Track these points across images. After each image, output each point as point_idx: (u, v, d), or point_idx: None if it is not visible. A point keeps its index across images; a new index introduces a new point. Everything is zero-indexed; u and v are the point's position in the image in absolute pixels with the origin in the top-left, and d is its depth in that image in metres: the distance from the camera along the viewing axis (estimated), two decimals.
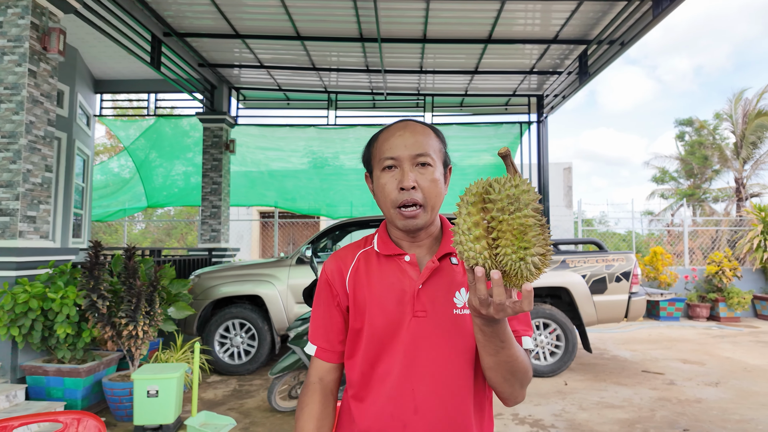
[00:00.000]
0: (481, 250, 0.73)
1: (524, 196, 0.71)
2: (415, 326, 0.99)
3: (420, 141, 1.01)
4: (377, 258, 1.08)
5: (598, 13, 5.78)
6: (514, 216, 0.70)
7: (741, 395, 4.32)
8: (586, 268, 5.02)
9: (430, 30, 6.29)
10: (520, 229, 0.70)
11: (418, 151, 1.00)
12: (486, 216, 0.74)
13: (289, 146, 9.42)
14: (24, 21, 3.93)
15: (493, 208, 0.72)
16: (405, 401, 0.96)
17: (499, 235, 0.72)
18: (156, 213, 18.45)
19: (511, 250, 0.70)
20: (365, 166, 1.12)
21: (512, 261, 0.70)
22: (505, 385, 0.93)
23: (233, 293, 5.15)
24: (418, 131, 1.03)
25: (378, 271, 1.06)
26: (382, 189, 1.02)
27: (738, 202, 16.44)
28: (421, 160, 1.00)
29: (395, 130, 1.04)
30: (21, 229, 3.84)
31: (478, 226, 0.74)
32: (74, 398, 3.64)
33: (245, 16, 6.07)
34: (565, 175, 15.65)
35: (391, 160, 1.01)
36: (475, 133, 9.31)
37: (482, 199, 0.75)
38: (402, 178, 0.99)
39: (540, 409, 3.97)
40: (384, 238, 1.09)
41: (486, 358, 0.90)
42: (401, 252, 1.05)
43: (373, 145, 1.08)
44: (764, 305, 8.68)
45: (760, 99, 15.68)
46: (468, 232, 0.74)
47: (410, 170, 0.99)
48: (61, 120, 6.77)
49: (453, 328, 0.98)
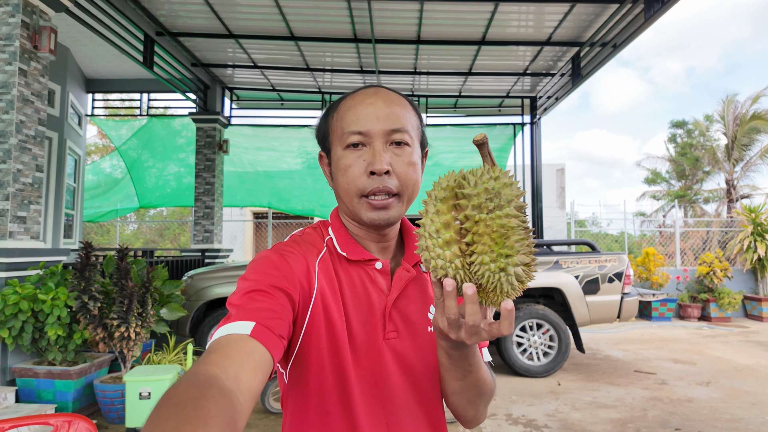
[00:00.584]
0: (452, 257, 0.58)
1: (506, 191, 0.58)
2: (387, 351, 0.79)
3: (396, 113, 0.79)
4: (340, 262, 0.82)
5: (591, 15, 5.82)
6: (494, 215, 0.57)
7: (731, 394, 4.37)
8: (579, 268, 5.05)
9: (424, 31, 6.30)
10: (500, 231, 0.56)
11: (394, 125, 0.78)
12: (459, 215, 0.59)
13: (282, 146, 9.40)
14: (14, 19, 3.89)
15: (468, 205, 0.58)
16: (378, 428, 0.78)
17: (475, 240, 0.58)
18: (148, 213, 18.33)
19: (490, 258, 0.57)
20: (320, 143, 0.88)
21: (490, 272, 0.57)
22: (469, 408, 0.82)
23: (227, 294, 5.12)
24: (393, 100, 0.81)
25: (346, 280, 0.81)
26: (344, 172, 0.79)
27: (729, 203, 16.62)
28: (397, 138, 0.79)
29: (363, 96, 0.81)
30: (11, 229, 3.80)
31: (449, 228, 0.59)
32: (65, 400, 3.60)
33: (239, 16, 6.05)
34: (558, 176, 15.74)
35: (358, 136, 0.78)
36: (469, 134, 9.34)
37: (454, 195, 0.61)
38: (373, 159, 0.77)
39: (533, 409, 3.99)
40: (346, 238, 0.84)
41: (451, 383, 0.78)
42: (372, 257, 0.83)
43: (331, 116, 0.85)
44: (754, 305, 8.78)
45: (755, 102, 15.86)
46: (436, 235, 0.60)
47: (383, 149, 0.78)
48: (52, 119, 6.71)
49: (427, 347, 0.82)
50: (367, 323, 0.80)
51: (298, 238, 0.85)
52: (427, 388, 0.82)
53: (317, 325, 0.76)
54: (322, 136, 0.88)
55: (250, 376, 0.58)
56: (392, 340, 0.80)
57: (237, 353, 0.60)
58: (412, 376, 0.81)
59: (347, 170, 0.79)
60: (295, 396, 0.80)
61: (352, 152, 0.79)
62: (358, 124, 0.78)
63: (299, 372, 0.78)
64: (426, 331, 0.83)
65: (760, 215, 9.04)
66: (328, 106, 0.88)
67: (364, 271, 0.82)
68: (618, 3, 5.35)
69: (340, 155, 0.81)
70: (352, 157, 0.79)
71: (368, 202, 0.78)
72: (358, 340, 0.78)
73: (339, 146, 0.81)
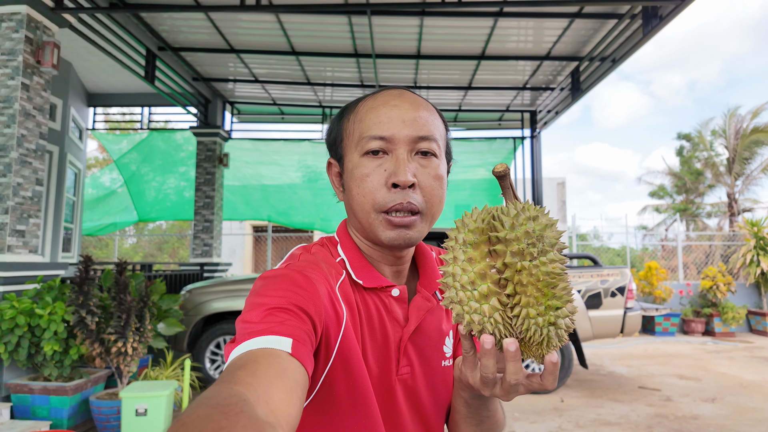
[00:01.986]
0: (491, 311, 0.52)
1: (548, 234, 0.52)
2: (398, 387, 0.72)
3: (424, 118, 0.69)
4: (354, 290, 0.71)
5: (590, 30, 5.87)
6: (538, 262, 0.51)
7: (737, 411, 4.29)
8: (581, 283, 5.01)
9: (424, 46, 6.35)
10: (546, 280, 0.51)
11: (422, 132, 0.68)
12: (496, 263, 0.52)
13: (282, 160, 9.42)
14: (18, 35, 3.92)
15: (506, 251, 0.52)
16: None
17: (518, 290, 0.51)
18: (147, 227, 18.32)
19: (537, 312, 0.51)
20: (330, 149, 0.77)
21: (538, 326, 0.51)
22: None
23: (225, 309, 5.07)
24: (420, 104, 0.71)
25: (364, 310, 0.71)
26: (360, 182, 0.69)
27: (730, 217, 16.60)
28: (425, 147, 0.68)
29: (387, 97, 0.71)
30: (9, 243, 3.77)
31: (486, 278, 0.52)
32: (60, 417, 3.54)
33: (240, 32, 6.11)
34: (559, 190, 15.75)
35: (379, 141, 0.67)
36: (469, 148, 9.37)
37: (487, 239, 0.53)
38: (396, 170, 0.66)
39: (536, 427, 3.91)
40: (359, 261, 0.73)
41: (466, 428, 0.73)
42: (389, 283, 0.72)
43: (347, 118, 0.74)
44: (758, 320, 8.70)
45: (756, 116, 15.94)
46: (471, 287, 0.52)
47: (408, 159, 0.67)
48: (54, 133, 6.73)
49: (440, 384, 0.76)
50: (381, 357, 0.71)
51: (312, 258, 0.71)
52: (434, 423, 0.76)
53: (345, 359, 0.65)
54: (333, 140, 0.76)
55: (286, 400, 0.46)
56: (405, 376, 0.72)
57: (267, 371, 0.47)
58: (421, 412, 0.74)
59: (364, 180, 0.68)
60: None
61: (371, 160, 0.68)
62: (381, 128, 0.68)
63: (316, 412, 0.66)
64: (440, 365, 0.76)
65: (762, 229, 9.01)
66: (343, 107, 0.77)
67: (380, 299, 0.72)
68: (616, 18, 5.40)
69: (357, 163, 0.69)
70: (371, 165, 0.68)
71: (388, 219, 0.67)
72: (372, 376, 0.69)
73: (355, 152, 0.70)
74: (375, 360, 0.70)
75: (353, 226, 0.76)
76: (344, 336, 0.65)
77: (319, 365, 0.64)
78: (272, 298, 0.58)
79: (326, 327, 0.63)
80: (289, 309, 0.57)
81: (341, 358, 0.65)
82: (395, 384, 0.71)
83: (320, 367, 0.64)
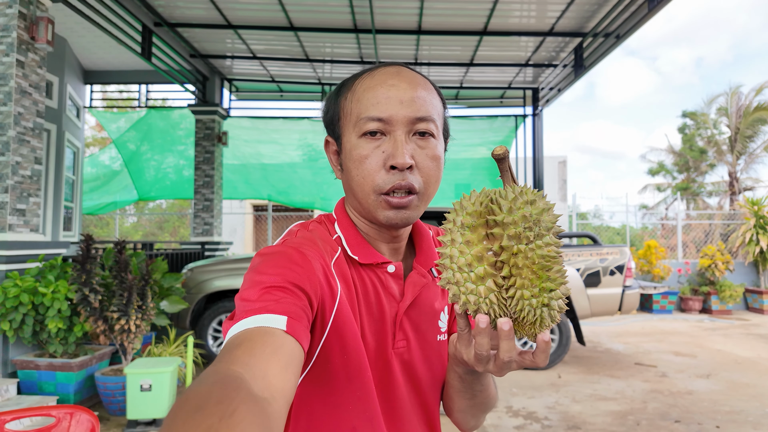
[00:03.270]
0: (487, 292, 0.54)
1: (545, 218, 0.54)
2: (395, 361, 0.74)
3: (422, 98, 0.69)
4: (350, 266, 0.73)
5: (594, 5, 5.75)
6: (534, 246, 0.52)
7: (731, 387, 4.37)
8: (581, 261, 5.04)
9: (425, 21, 6.24)
10: (541, 263, 0.53)
11: (420, 112, 0.68)
12: (493, 246, 0.54)
13: (282, 138, 9.35)
14: (12, 10, 3.84)
15: (503, 234, 0.53)
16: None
17: (513, 273, 0.54)
18: (148, 206, 18.33)
19: (531, 293, 0.53)
20: (327, 127, 0.77)
21: (531, 307, 0.53)
22: (472, 421, 0.81)
23: (227, 287, 5.12)
24: (418, 82, 0.70)
25: (360, 286, 0.73)
26: (358, 164, 0.69)
27: (731, 195, 16.58)
28: (422, 128, 0.69)
29: (385, 75, 0.70)
30: (10, 222, 3.78)
31: (482, 261, 0.54)
32: (66, 392, 3.61)
33: (237, 6, 5.99)
34: (560, 169, 15.70)
35: (377, 123, 0.68)
36: (470, 126, 9.29)
37: (485, 222, 0.55)
38: (394, 152, 0.67)
39: (534, 402, 3.99)
40: (355, 237, 0.75)
41: (460, 402, 0.76)
42: (385, 260, 0.74)
43: (344, 96, 0.74)
44: (755, 298, 8.78)
45: (759, 93, 15.77)
46: (468, 269, 0.54)
47: (406, 140, 0.68)
48: (51, 111, 6.67)
49: (435, 358, 0.78)
50: (377, 332, 0.73)
51: (309, 234, 0.73)
52: (430, 396, 0.79)
53: (339, 332, 0.67)
54: (330, 118, 0.76)
55: (281, 375, 0.49)
56: (401, 350, 0.75)
57: (263, 349, 0.50)
58: (417, 385, 0.77)
59: (363, 162, 0.69)
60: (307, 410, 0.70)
61: (368, 141, 0.69)
62: (378, 109, 0.68)
63: (313, 384, 0.69)
64: (435, 340, 0.78)
65: (762, 208, 9.01)
66: (340, 83, 0.76)
67: (376, 275, 0.74)
68: None
69: (354, 144, 0.70)
70: (368, 147, 0.69)
71: (386, 199, 0.69)
72: (369, 350, 0.72)
73: (353, 133, 0.70)
74: (372, 333, 0.72)
75: (351, 205, 0.77)
76: (338, 310, 0.67)
77: (314, 339, 0.66)
78: (269, 276, 0.60)
79: (321, 301, 0.65)
80: (285, 287, 0.59)
81: (336, 331, 0.67)
82: (391, 357, 0.73)
83: (316, 341, 0.66)
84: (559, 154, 16.69)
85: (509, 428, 3.47)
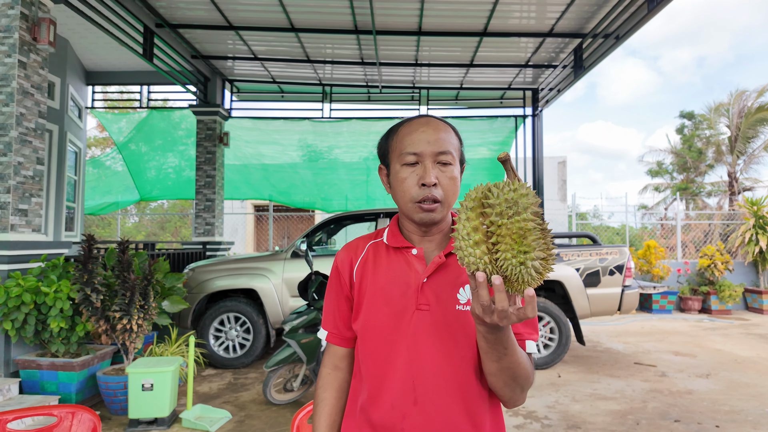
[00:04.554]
0: (481, 255, 0.72)
1: (523, 200, 0.70)
2: (418, 319, 0.99)
3: (443, 138, 1.01)
4: (386, 250, 1.09)
5: (594, 6, 5.77)
6: (513, 220, 0.69)
7: (731, 387, 4.38)
8: (580, 261, 5.05)
9: (426, 22, 6.26)
10: (519, 233, 0.69)
11: (441, 148, 1.00)
12: (485, 221, 0.73)
13: (283, 139, 9.37)
14: (14, 11, 3.86)
15: (492, 212, 0.72)
16: (405, 393, 0.97)
17: (499, 240, 0.71)
18: (149, 206, 18.34)
19: (511, 255, 0.69)
20: (381, 158, 1.12)
21: (512, 266, 0.69)
22: (505, 389, 0.94)
23: (228, 287, 5.13)
24: (440, 128, 1.03)
25: (386, 263, 1.07)
26: (401, 183, 1.02)
27: (731, 196, 16.57)
28: (443, 159, 1.00)
29: (418, 125, 1.03)
30: (12, 222, 3.80)
31: (477, 231, 0.73)
32: (68, 392, 3.63)
33: (239, 8, 6.01)
34: (560, 169, 15.70)
35: (413, 156, 1.00)
36: (471, 127, 9.30)
37: (481, 204, 0.75)
38: (424, 174, 0.98)
39: (533, 401, 4.01)
40: (394, 231, 1.10)
41: (488, 364, 0.91)
42: (409, 245, 1.06)
43: (392, 138, 1.08)
44: (755, 298, 8.78)
45: (761, 94, 15.75)
46: (467, 237, 0.74)
47: (432, 167, 0.99)
48: (53, 112, 6.69)
49: (456, 323, 0.98)
50: (404, 295, 1.01)
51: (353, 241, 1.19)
52: (451, 355, 0.97)
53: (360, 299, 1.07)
54: (383, 153, 1.10)
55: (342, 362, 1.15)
56: (425, 312, 0.99)
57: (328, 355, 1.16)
58: (436, 344, 0.98)
59: (404, 182, 1.01)
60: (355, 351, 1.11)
61: (408, 168, 1.01)
62: (414, 147, 1.00)
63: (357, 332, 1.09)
64: (454, 308, 0.99)
65: (761, 208, 9.02)
66: (388, 130, 1.10)
67: (403, 256, 1.06)
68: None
69: (399, 170, 1.02)
70: (408, 171, 1.01)
71: (419, 206, 1.00)
72: (397, 307, 1.01)
73: (397, 163, 1.03)
74: (398, 297, 1.02)
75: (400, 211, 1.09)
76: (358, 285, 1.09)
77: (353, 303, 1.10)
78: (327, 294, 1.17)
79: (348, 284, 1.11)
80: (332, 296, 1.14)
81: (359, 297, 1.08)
82: (415, 315, 1.00)
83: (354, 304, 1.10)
84: (559, 155, 16.69)
85: (509, 427, 3.48)
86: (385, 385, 0.99)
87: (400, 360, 0.98)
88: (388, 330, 1.00)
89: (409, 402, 0.96)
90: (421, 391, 0.96)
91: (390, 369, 0.99)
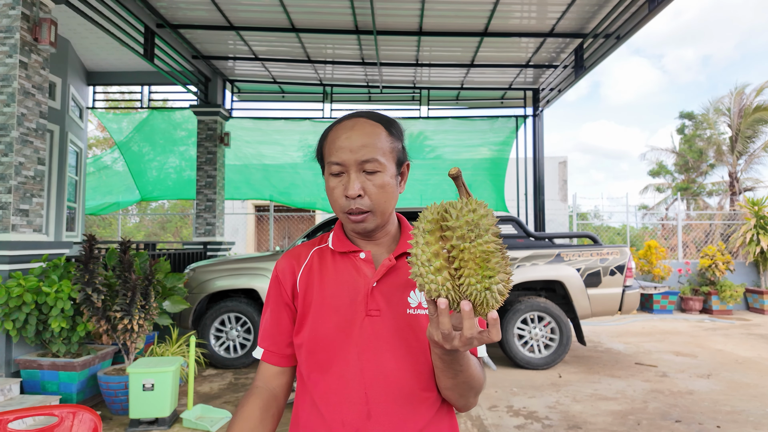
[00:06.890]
0: (444, 281, 0.69)
1: (483, 222, 0.68)
2: (369, 326, 0.93)
3: (367, 144, 0.92)
4: (332, 255, 1.02)
5: (595, 6, 5.77)
6: (476, 243, 0.67)
7: (732, 387, 4.38)
8: (581, 261, 5.05)
9: (426, 22, 6.26)
10: (482, 256, 0.67)
11: (365, 157, 0.92)
12: (446, 245, 0.70)
13: (284, 139, 9.37)
14: (15, 11, 3.87)
15: (453, 236, 0.68)
16: (358, 406, 0.90)
17: (462, 265, 0.68)
18: (150, 206, 18.36)
19: (476, 280, 0.67)
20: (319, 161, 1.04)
21: (477, 291, 0.67)
22: (460, 399, 0.92)
23: (229, 287, 5.14)
24: (366, 132, 0.94)
25: (332, 270, 1.00)
26: (330, 193, 0.97)
27: (732, 196, 16.55)
28: (369, 168, 0.92)
29: (343, 130, 0.95)
30: (14, 222, 3.81)
31: (438, 257, 0.69)
32: (69, 392, 3.63)
33: (239, 8, 6.01)
34: (561, 169, 15.69)
35: (337, 166, 0.93)
36: (471, 127, 9.30)
37: (440, 227, 0.71)
38: (347, 186, 0.92)
39: (534, 401, 4.00)
40: (339, 236, 1.03)
41: (444, 380, 0.88)
42: (356, 249, 0.99)
43: (324, 141, 1.01)
44: (756, 298, 8.77)
45: (759, 93, 15.73)
46: (428, 264, 0.70)
47: (356, 177, 0.92)
48: (54, 112, 6.70)
49: (407, 327, 0.93)
50: (353, 301, 0.95)
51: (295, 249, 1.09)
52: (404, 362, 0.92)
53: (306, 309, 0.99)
54: (320, 156, 1.03)
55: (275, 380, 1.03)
56: (375, 317, 0.94)
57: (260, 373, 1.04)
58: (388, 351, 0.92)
59: (332, 192, 0.96)
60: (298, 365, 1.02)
61: (334, 178, 0.95)
62: (337, 156, 0.93)
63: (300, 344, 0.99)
64: (405, 312, 0.95)
65: (762, 208, 9.01)
66: (325, 130, 1.02)
67: (351, 261, 0.99)
68: None
69: (327, 179, 0.97)
70: (334, 181, 0.95)
71: (348, 216, 0.95)
72: (347, 315, 0.94)
73: (327, 171, 0.97)
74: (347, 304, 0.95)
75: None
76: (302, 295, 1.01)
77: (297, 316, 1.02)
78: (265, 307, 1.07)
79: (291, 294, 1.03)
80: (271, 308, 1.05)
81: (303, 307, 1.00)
82: (365, 321, 0.94)
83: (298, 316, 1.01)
84: (560, 155, 16.68)
85: (510, 428, 3.48)
86: (334, 399, 0.91)
87: (351, 371, 0.91)
88: (339, 340, 0.93)
89: (362, 416, 0.89)
90: (374, 403, 0.90)
91: (340, 382, 0.92)
